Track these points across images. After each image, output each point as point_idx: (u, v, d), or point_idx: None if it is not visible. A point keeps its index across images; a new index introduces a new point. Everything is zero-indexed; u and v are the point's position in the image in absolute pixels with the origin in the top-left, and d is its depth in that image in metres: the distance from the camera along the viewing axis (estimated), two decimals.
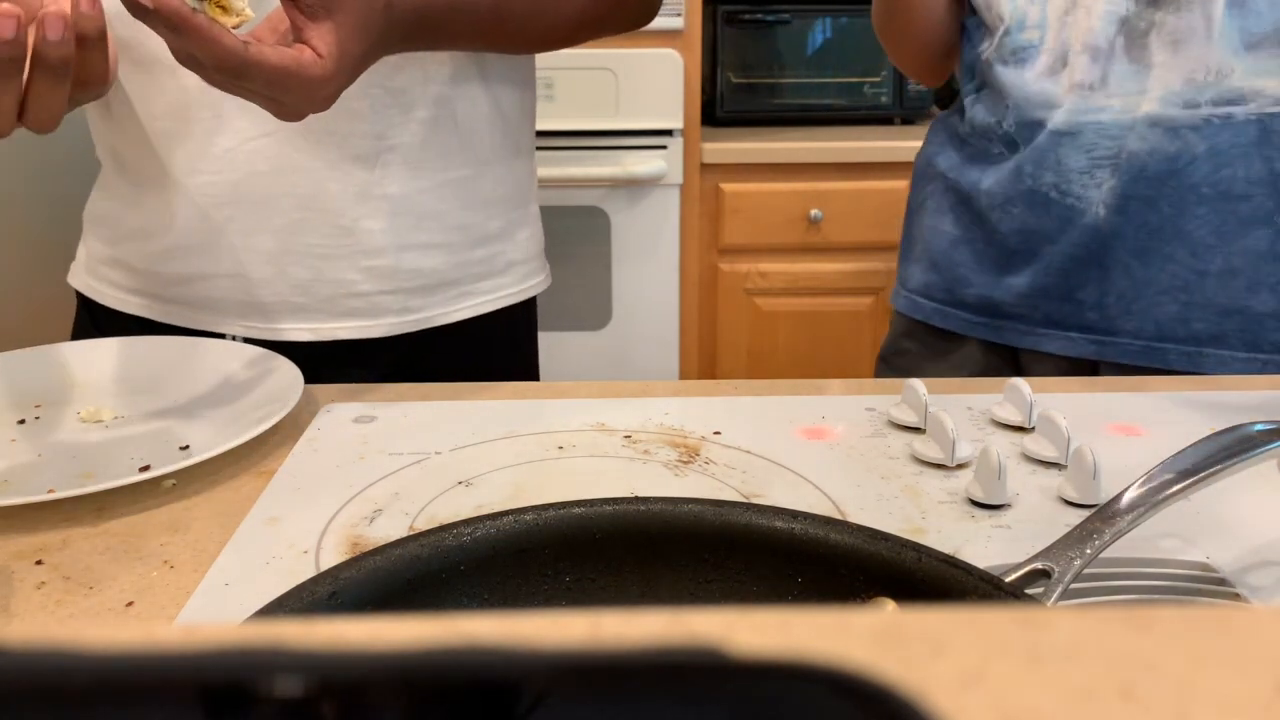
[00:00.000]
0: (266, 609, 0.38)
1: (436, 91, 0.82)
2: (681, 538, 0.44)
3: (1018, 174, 0.92)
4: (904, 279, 1.07)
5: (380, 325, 0.85)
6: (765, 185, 2.06)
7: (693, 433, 0.69)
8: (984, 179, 0.95)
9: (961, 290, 0.99)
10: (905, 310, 1.05)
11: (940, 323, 1.01)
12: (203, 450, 0.63)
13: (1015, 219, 0.93)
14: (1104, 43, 0.87)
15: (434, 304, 0.87)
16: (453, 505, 0.60)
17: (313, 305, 0.83)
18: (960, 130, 0.99)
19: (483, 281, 0.90)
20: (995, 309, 0.97)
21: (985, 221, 0.96)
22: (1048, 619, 0.17)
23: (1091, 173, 0.88)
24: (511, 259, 0.92)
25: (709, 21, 2.12)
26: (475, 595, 0.42)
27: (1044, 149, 0.90)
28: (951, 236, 1.00)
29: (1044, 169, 0.90)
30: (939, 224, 1.01)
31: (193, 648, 0.13)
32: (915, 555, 0.40)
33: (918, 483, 0.63)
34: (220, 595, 0.52)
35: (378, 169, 0.81)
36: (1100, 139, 0.88)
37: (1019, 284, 0.94)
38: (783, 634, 0.17)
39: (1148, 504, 0.45)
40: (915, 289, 1.04)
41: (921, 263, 1.03)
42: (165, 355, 0.79)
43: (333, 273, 0.83)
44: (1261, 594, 0.52)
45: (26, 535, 0.58)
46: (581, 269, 2.04)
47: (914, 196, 1.07)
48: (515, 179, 0.91)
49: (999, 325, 0.97)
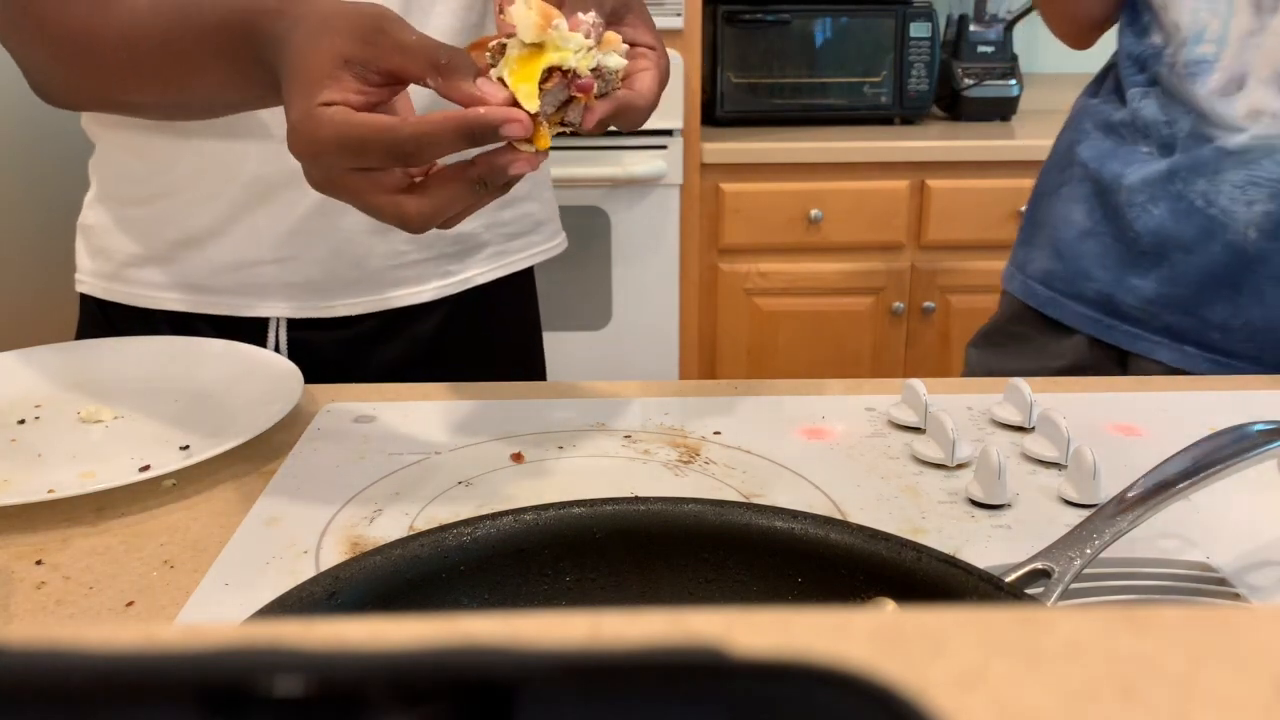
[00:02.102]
0: (266, 609, 0.38)
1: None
2: (681, 538, 0.44)
3: (1170, 175, 0.90)
4: (1022, 262, 1.04)
5: (426, 290, 0.88)
6: (765, 185, 2.06)
7: (693, 433, 0.69)
8: (1128, 173, 0.93)
9: (1082, 283, 0.96)
10: (1019, 294, 1.03)
11: (1053, 312, 0.99)
12: (203, 450, 0.63)
13: (1154, 219, 0.91)
14: None
15: (471, 265, 0.91)
16: (453, 505, 0.60)
17: (363, 279, 0.86)
18: (1114, 119, 0.96)
19: (514, 241, 0.93)
20: (1114, 308, 0.95)
21: (1120, 216, 0.93)
22: (1048, 619, 0.17)
23: (1246, 190, 0.86)
24: (539, 218, 0.96)
25: (709, 21, 2.12)
26: (475, 595, 0.42)
27: (1205, 160, 0.88)
28: (1081, 228, 0.97)
29: (1198, 176, 0.88)
30: (1070, 213, 0.98)
31: (193, 648, 0.13)
32: (915, 555, 0.40)
33: (918, 483, 0.63)
34: (220, 595, 0.52)
35: None
36: (1267, 161, 0.85)
37: (1145, 288, 0.92)
38: (783, 634, 0.17)
39: (1148, 504, 0.45)
40: (1034, 274, 1.01)
41: (1045, 249, 1.00)
42: (165, 355, 0.79)
43: (382, 246, 0.85)
44: (1261, 594, 0.52)
45: (26, 535, 0.58)
46: (581, 269, 2.04)
47: (1047, 180, 1.04)
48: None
49: (1113, 325, 0.95)
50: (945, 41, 2.22)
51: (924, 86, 2.14)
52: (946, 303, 2.10)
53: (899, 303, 2.10)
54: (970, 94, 2.16)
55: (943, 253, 2.08)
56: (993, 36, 2.17)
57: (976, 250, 2.05)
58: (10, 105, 1.62)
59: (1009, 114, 2.18)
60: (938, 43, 2.13)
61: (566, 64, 0.53)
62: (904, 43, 2.12)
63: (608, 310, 2.09)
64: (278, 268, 0.84)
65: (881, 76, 2.15)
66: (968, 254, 2.06)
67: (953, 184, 2.04)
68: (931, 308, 2.10)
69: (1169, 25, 0.91)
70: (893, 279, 2.10)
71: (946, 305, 2.10)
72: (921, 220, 2.07)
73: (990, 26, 2.18)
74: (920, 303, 2.10)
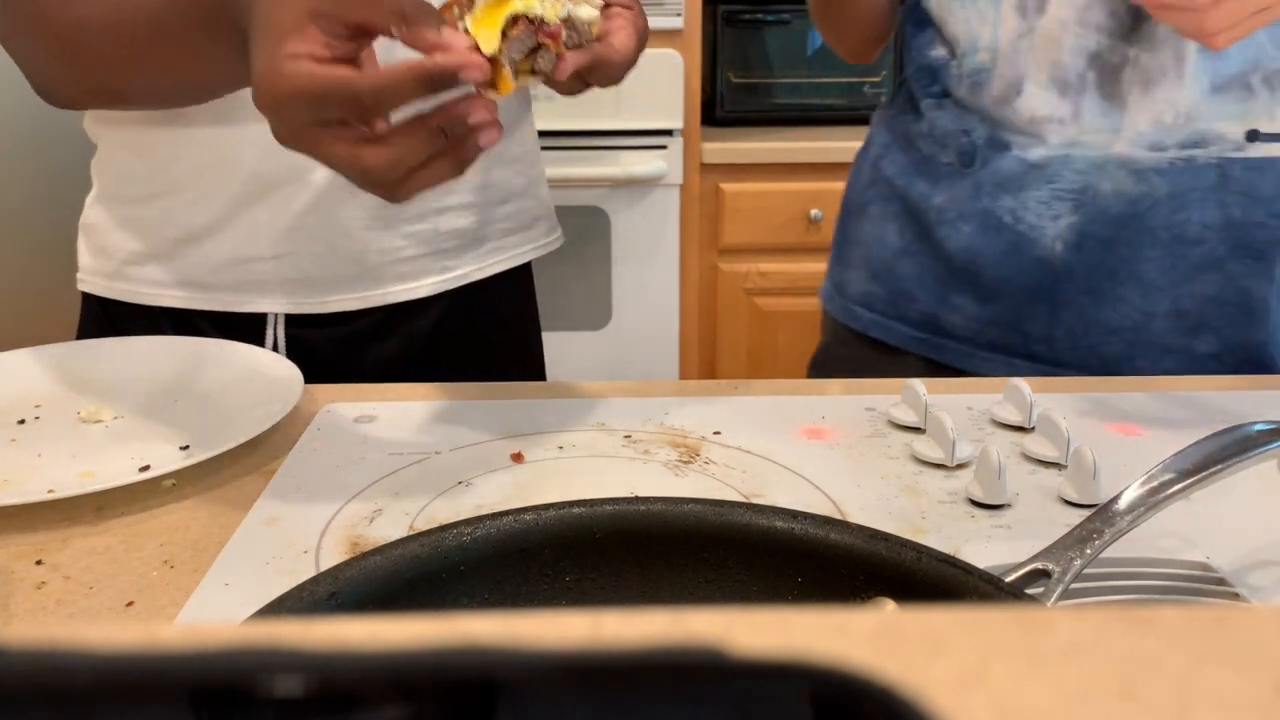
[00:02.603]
0: (266, 609, 0.38)
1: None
2: (681, 538, 0.44)
3: (976, 192, 0.88)
4: (840, 284, 1.01)
5: (424, 286, 0.88)
6: (765, 185, 2.06)
7: (693, 433, 0.69)
8: (935, 193, 0.91)
9: (905, 305, 0.95)
10: (841, 317, 1.00)
11: (880, 335, 0.96)
12: (203, 450, 0.63)
13: (964, 237, 0.89)
14: (1074, 77, 0.83)
15: (469, 260, 0.91)
16: (453, 505, 0.60)
17: (360, 274, 0.86)
18: (911, 131, 0.94)
19: (512, 236, 0.94)
20: (940, 327, 0.93)
21: (932, 236, 0.92)
22: (1048, 619, 0.17)
23: (1050, 204, 0.85)
24: (536, 214, 0.96)
25: (709, 21, 2.11)
26: (475, 595, 0.42)
27: (1007, 172, 0.86)
28: (895, 247, 0.95)
29: (1004, 191, 0.87)
30: (883, 233, 0.96)
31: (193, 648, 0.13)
32: (915, 555, 0.40)
33: (918, 483, 0.63)
34: (220, 595, 0.52)
35: None
36: (1066, 173, 0.84)
37: (965, 306, 0.91)
38: (783, 634, 0.17)
39: (1148, 504, 0.45)
40: (854, 297, 0.99)
41: (861, 270, 0.98)
42: (165, 355, 0.79)
43: (379, 243, 0.85)
44: (1261, 594, 0.52)
45: (26, 535, 0.58)
46: (581, 269, 2.04)
47: (854, 197, 1.02)
48: (530, 138, 0.96)
49: (942, 344, 0.93)
50: None
51: None
52: None
53: None
54: None
55: None
56: None
57: None
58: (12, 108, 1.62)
59: None
60: None
61: (532, 11, 0.54)
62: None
63: (608, 310, 2.08)
64: (276, 264, 0.85)
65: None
66: None
67: None
68: None
69: (949, 38, 0.89)
70: None
71: None
72: None
73: None
74: None
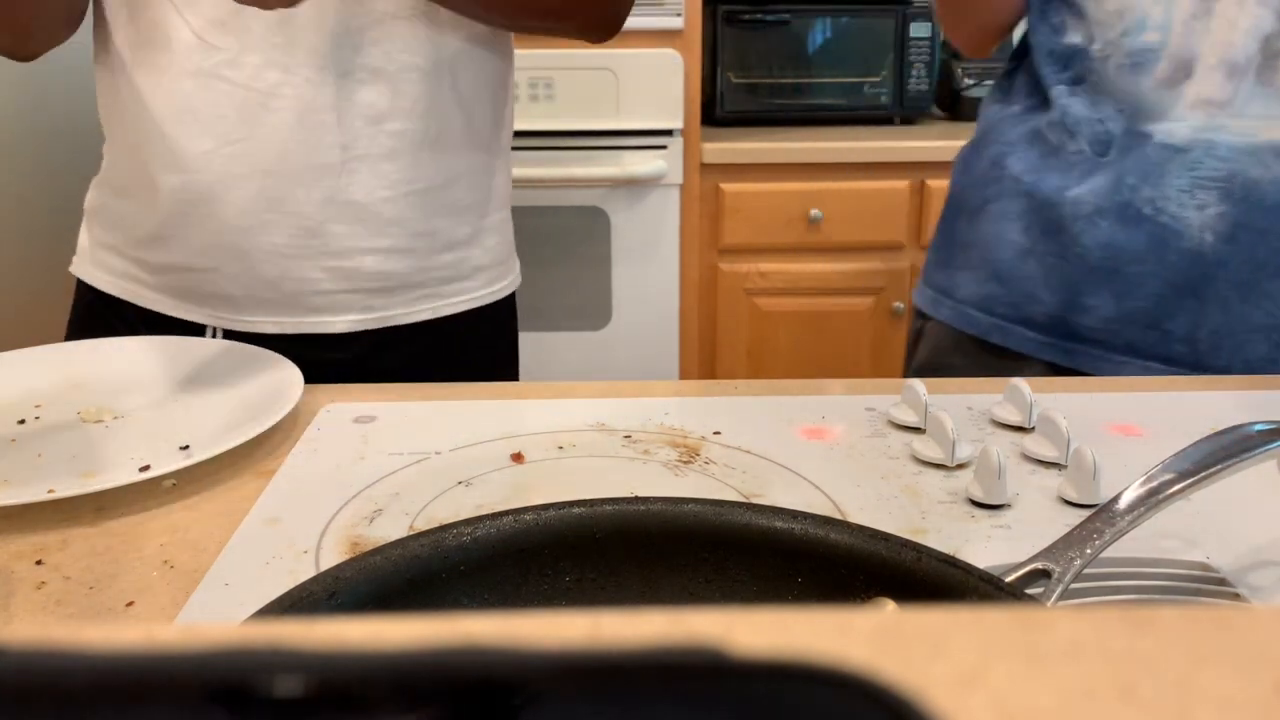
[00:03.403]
0: (266, 609, 0.38)
1: (408, 106, 0.85)
2: (681, 538, 0.44)
3: (1116, 184, 0.85)
4: (948, 287, 0.97)
5: (342, 322, 0.88)
6: (765, 185, 2.06)
7: (693, 433, 0.69)
8: (1070, 185, 0.87)
9: (1030, 307, 0.90)
10: (953, 323, 0.95)
11: (999, 340, 0.92)
12: (203, 450, 0.63)
13: (1103, 232, 0.86)
14: (1242, 59, 0.79)
15: (395, 304, 0.90)
16: (453, 505, 0.60)
17: (279, 300, 0.87)
18: (1037, 124, 0.90)
19: (447, 285, 0.92)
20: (1069, 330, 0.89)
21: (1064, 232, 0.88)
22: (1048, 619, 0.17)
23: (1193, 193, 0.82)
24: (478, 264, 0.94)
25: (709, 21, 2.12)
26: (475, 595, 0.42)
27: (1149, 160, 0.83)
28: (1019, 247, 0.91)
29: (1143, 182, 0.83)
30: (1004, 231, 0.92)
31: (193, 648, 0.13)
32: (915, 555, 0.40)
33: (918, 483, 0.63)
34: (220, 595, 0.52)
35: (344, 176, 0.84)
36: (1209, 160, 0.81)
37: (1101, 306, 0.87)
38: (783, 634, 0.17)
39: (1148, 504, 0.45)
40: (969, 300, 0.94)
41: (979, 271, 0.94)
42: (165, 355, 0.79)
43: (298, 271, 0.86)
44: (1261, 594, 0.52)
45: (26, 535, 0.58)
46: (581, 269, 2.04)
47: (969, 195, 0.97)
48: (486, 187, 0.94)
49: (1071, 349, 0.89)
50: (945, 41, 2.22)
51: (924, 86, 2.14)
52: None
53: (899, 303, 2.10)
54: (970, 94, 2.16)
55: None
56: None
57: None
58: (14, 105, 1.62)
59: None
60: (937, 43, 2.13)
61: None
62: (904, 43, 2.12)
63: (608, 310, 2.08)
64: (205, 277, 0.86)
65: (881, 76, 2.15)
66: None
67: None
68: None
69: (1106, 17, 0.85)
70: (893, 279, 2.10)
71: None
72: (921, 220, 2.07)
73: None
74: None
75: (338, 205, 0.85)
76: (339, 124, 0.83)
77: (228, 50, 0.80)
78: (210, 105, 0.81)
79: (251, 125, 0.81)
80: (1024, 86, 0.94)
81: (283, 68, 0.81)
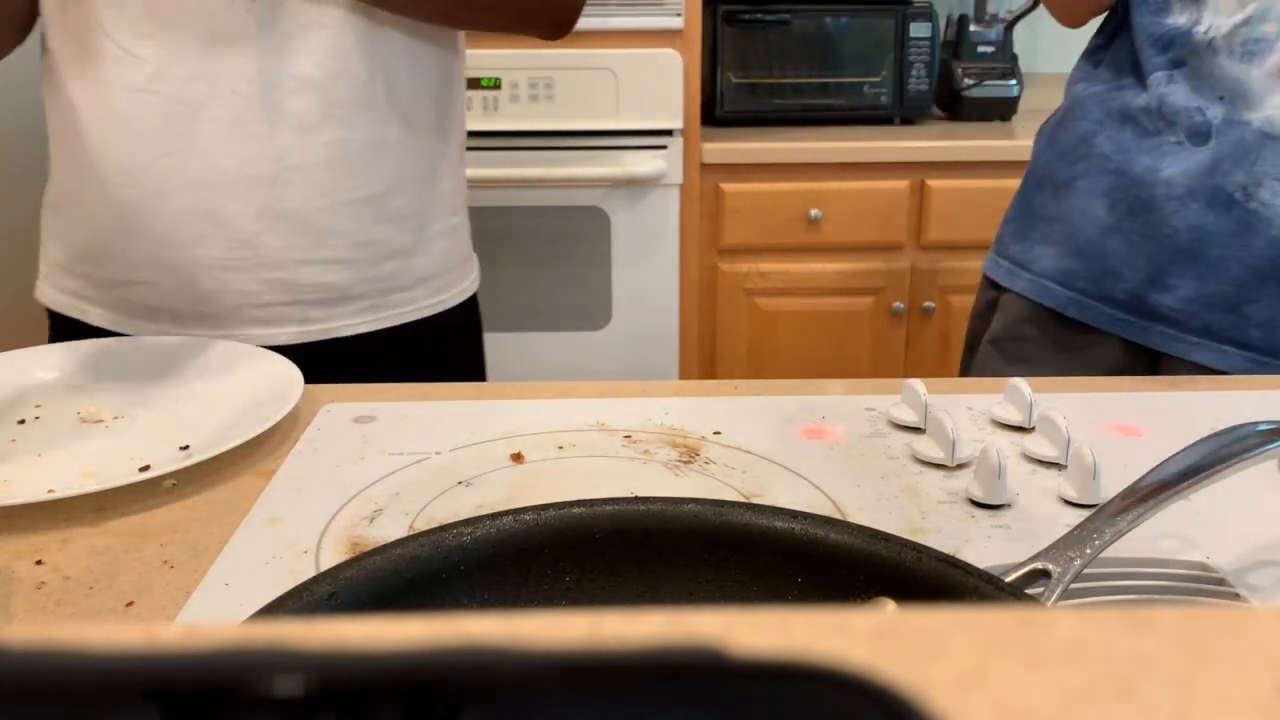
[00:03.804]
0: (266, 609, 0.38)
1: (341, 114, 0.84)
2: (681, 538, 0.44)
3: (1212, 168, 0.85)
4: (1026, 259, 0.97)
5: (283, 334, 0.87)
6: (765, 185, 2.06)
7: (693, 433, 0.69)
8: (1164, 166, 0.87)
9: (1110, 283, 0.91)
10: (1031, 294, 0.96)
11: (1076, 314, 0.93)
12: (203, 450, 0.63)
13: (1192, 214, 0.86)
14: None
15: (337, 316, 0.89)
16: (453, 505, 0.60)
17: (220, 314, 0.86)
18: (1132, 106, 0.90)
19: (391, 296, 0.91)
20: (1147, 309, 0.90)
21: (1154, 211, 0.88)
22: (1048, 619, 0.17)
23: None
24: (423, 274, 0.92)
25: (709, 21, 2.11)
26: (475, 595, 0.42)
27: (1247, 146, 0.83)
28: (1104, 224, 0.91)
29: (1237, 167, 0.84)
30: (1089, 207, 0.92)
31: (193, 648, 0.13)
32: (915, 555, 0.40)
33: (918, 483, 0.63)
34: (220, 595, 0.52)
35: (278, 187, 0.84)
36: None
37: (1182, 287, 0.88)
38: (783, 634, 0.17)
39: (1148, 504, 0.45)
40: (1047, 273, 0.95)
41: (1062, 246, 0.94)
42: (165, 355, 0.79)
43: (235, 284, 0.85)
44: (1261, 594, 0.52)
45: (26, 535, 0.58)
46: (581, 269, 2.04)
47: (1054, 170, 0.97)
48: (430, 194, 0.92)
49: (1147, 327, 0.90)
50: (945, 41, 2.22)
51: (924, 86, 2.14)
52: (946, 303, 2.10)
53: (899, 303, 2.09)
54: (970, 94, 2.16)
55: (943, 253, 2.08)
56: (993, 36, 2.17)
57: (977, 250, 2.04)
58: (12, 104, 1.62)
59: (1009, 114, 2.18)
60: (938, 43, 2.13)
61: None
62: (904, 43, 2.12)
63: (608, 310, 2.08)
64: (148, 291, 0.86)
65: (881, 76, 2.15)
66: (968, 254, 2.06)
67: (953, 184, 2.04)
68: (931, 308, 2.10)
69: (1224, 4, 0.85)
70: (893, 279, 2.09)
71: (946, 305, 2.10)
72: (921, 220, 2.07)
73: (990, 26, 2.18)
74: (920, 303, 2.10)
75: (273, 216, 0.84)
76: (270, 135, 0.82)
77: (154, 63, 0.80)
78: (141, 118, 0.81)
79: (183, 137, 0.81)
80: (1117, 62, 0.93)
81: (210, 79, 0.80)
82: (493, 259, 2.05)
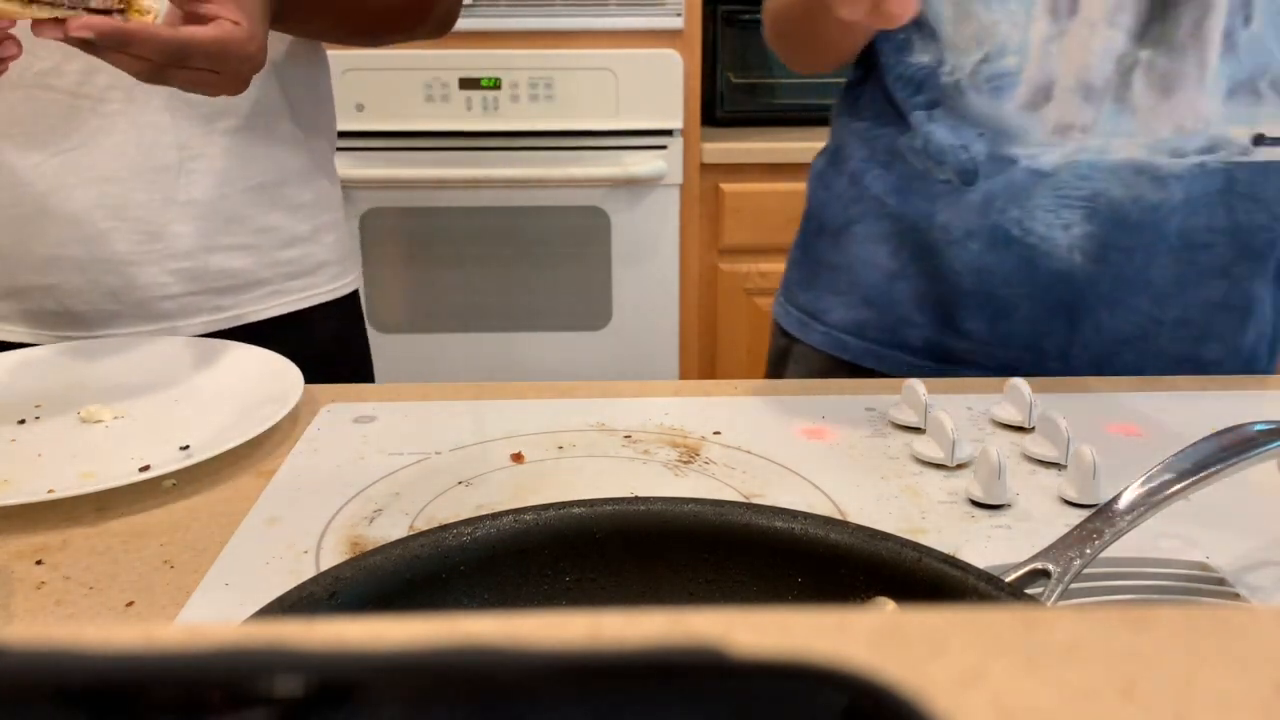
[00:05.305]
0: (266, 609, 0.38)
1: (239, 103, 0.86)
2: (681, 538, 0.44)
3: (984, 207, 0.83)
4: (816, 310, 0.94)
5: (194, 325, 0.88)
6: (765, 185, 2.06)
7: (693, 433, 0.69)
8: (938, 211, 0.85)
9: (905, 331, 0.89)
10: (825, 348, 0.93)
11: (874, 364, 0.90)
12: (203, 450, 0.63)
13: (973, 255, 0.84)
14: (1099, 81, 0.79)
15: (245, 302, 0.90)
16: (453, 505, 0.60)
17: (126, 311, 0.86)
18: (898, 145, 0.87)
19: (294, 280, 0.93)
20: (946, 353, 0.88)
21: (935, 255, 0.86)
22: (1048, 619, 0.17)
23: (1058, 212, 0.81)
24: (322, 259, 0.95)
25: (709, 21, 2.11)
26: (475, 595, 0.42)
27: (1013, 184, 0.82)
28: (889, 270, 0.88)
29: (1010, 204, 0.82)
30: (873, 255, 0.89)
31: (193, 648, 0.13)
32: (915, 555, 0.40)
33: (918, 483, 0.63)
34: (220, 595, 0.52)
35: (183, 176, 0.85)
36: (1071, 179, 0.80)
37: (975, 329, 0.86)
38: (783, 634, 0.17)
39: (1148, 504, 0.45)
40: (840, 325, 0.92)
41: (849, 295, 0.91)
42: (165, 355, 0.79)
43: (143, 278, 0.85)
44: (1261, 594, 0.52)
45: (26, 535, 0.58)
46: (581, 269, 2.04)
47: (828, 214, 0.94)
48: (318, 188, 0.95)
49: (948, 371, 0.87)
50: None
51: None
52: None
53: None
54: None
55: None
56: None
57: None
58: None
59: None
60: None
61: None
62: None
63: (608, 310, 2.08)
64: (47, 294, 0.85)
65: None
66: None
67: None
68: None
69: (963, 42, 0.82)
70: None
71: None
72: None
73: None
74: None
75: (179, 205, 0.85)
76: (174, 124, 0.83)
77: (48, 59, 0.79)
78: (37, 116, 0.81)
79: (84, 133, 0.81)
80: (876, 99, 0.90)
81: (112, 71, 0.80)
82: (493, 259, 2.05)
